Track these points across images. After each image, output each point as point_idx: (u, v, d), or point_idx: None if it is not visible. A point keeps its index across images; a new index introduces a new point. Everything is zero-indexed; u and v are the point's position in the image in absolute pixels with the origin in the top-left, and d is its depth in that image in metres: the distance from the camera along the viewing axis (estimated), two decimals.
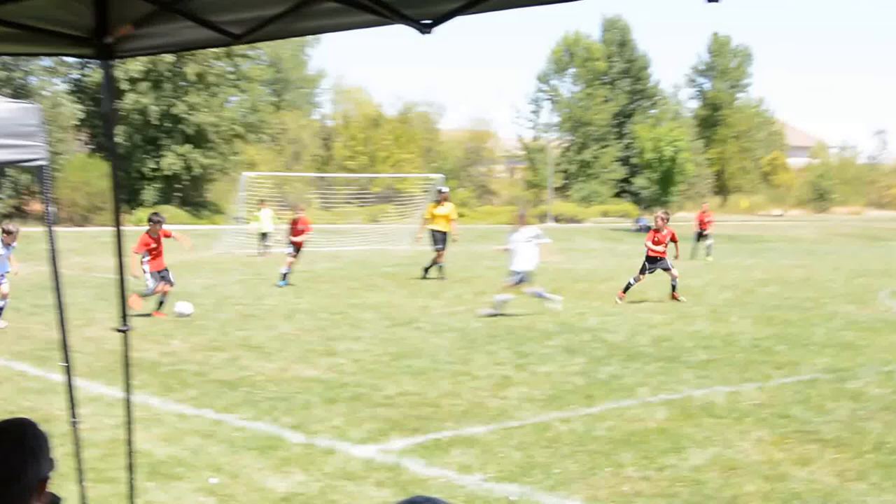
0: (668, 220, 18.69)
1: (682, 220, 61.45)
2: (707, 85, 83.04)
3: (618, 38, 75.71)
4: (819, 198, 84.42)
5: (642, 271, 18.25)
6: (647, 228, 53.45)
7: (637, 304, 17.35)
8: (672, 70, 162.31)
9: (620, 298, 17.69)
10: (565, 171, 71.55)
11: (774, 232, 54.81)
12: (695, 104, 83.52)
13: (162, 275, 15.54)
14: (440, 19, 3.42)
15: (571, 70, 73.84)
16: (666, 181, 52.95)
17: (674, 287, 18.03)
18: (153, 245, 15.44)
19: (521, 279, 15.75)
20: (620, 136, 72.20)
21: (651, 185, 54.60)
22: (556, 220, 59.61)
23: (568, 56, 73.56)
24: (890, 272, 24.82)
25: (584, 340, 12.79)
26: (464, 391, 9.46)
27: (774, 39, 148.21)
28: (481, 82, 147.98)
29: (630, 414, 8.44)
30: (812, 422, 8.12)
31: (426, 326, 14.30)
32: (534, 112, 74.97)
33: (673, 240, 18.59)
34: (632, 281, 18.12)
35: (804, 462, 6.90)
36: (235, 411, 8.62)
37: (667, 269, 18.15)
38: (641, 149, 54.40)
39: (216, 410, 8.65)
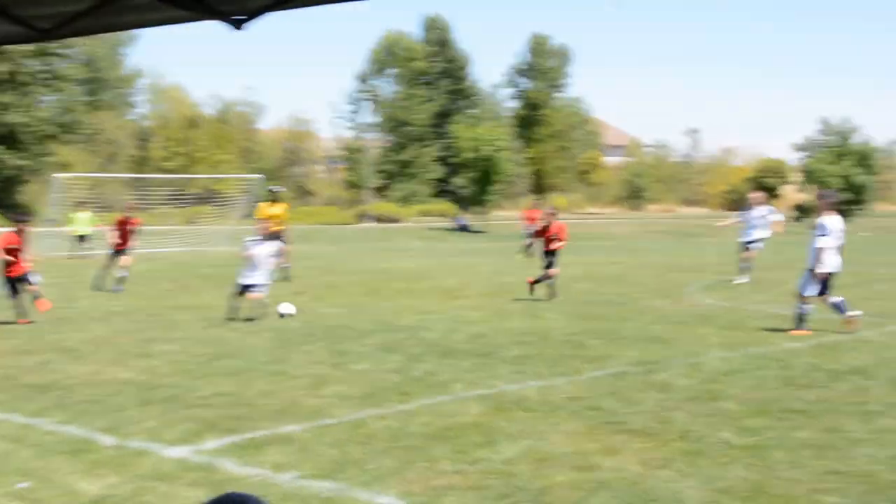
0: (555, 215, 18.86)
1: (502, 219, 62.84)
2: (526, 85, 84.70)
3: (438, 38, 76.37)
4: (634, 196, 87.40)
5: (549, 266, 18.27)
6: (465, 228, 54.46)
7: (455, 301, 17.56)
8: (492, 70, 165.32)
9: (531, 282, 17.92)
10: (385, 171, 71.80)
11: (590, 230, 56.43)
12: (514, 104, 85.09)
13: (21, 279, 14.74)
14: (253, 15, 3.37)
15: (391, 70, 74.15)
16: (485, 180, 53.83)
17: (541, 279, 18.06)
18: (15, 246, 14.62)
19: (258, 288, 15.22)
20: (440, 135, 72.90)
21: (470, 184, 55.40)
22: (378, 220, 59.78)
23: (388, 55, 73.82)
24: (699, 267, 25.94)
25: (400, 338, 12.83)
26: (280, 390, 9.36)
27: (592, 39, 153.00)
28: (301, 81, 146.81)
29: (445, 409, 8.51)
30: (621, 413, 8.37)
31: (243, 327, 14.10)
32: (353, 112, 74.93)
33: (559, 238, 18.50)
34: (550, 277, 18.15)
35: (612, 452, 7.10)
36: (46, 415, 8.32)
37: (549, 268, 18.22)
38: (461, 148, 55.10)
39: (25, 415, 8.34)
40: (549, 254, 18.26)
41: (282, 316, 15.13)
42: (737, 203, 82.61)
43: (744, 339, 12.84)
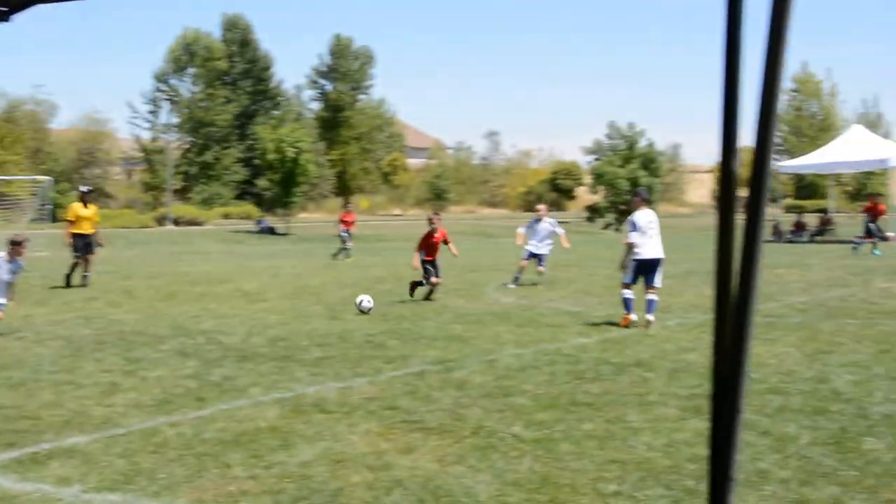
0: (440, 219, 18.93)
1: (306, 221, 62.52)
2: (329, 87, 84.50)
3: (239, 38, 75.29)
4: (437, 197, 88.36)
5: (426, 274, 18.40)
6: (269, 230, 53.89)
7: (255, 304, 17.36)
8: (295, 71, 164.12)
9: (412, 295, 18.16)
10: (186, 173, 70.20)
11: (394, 231, 56.89)
12: (317, 105, 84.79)
13: None
14: (18, 7, 3.24)
15: (191, 69, 72.57)
16: (288, 182, 53.38)
17: (419, 284, 18.30)
18: None
19: None
20: (243, 137, 71.89)
21: (273, 186, 54.85)
22: (176, 222, 58.37)
23: (187, 55, 72.18)
24: (498, 267, 26.47)
25: (198, 343, 12.59)
26: (67, 401, 8.99)
27: (394, 41, 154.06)
28: (97, 80, 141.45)
29: (241, 414, 8.40)
30: (418, 411, 8.47)
31: (30, 336, 13.45)
32: (152, 112, 72.90)
33: (445, 241, 18.73)
34: (423, 281, 18.26)
35: (408, 450, 7.18)
36: None
37: (430, 275, 18.34)
38: (264, 150, 54.47)
39: None
40: (431, 262, 18.38)
41: (363, 310, 15.64)
42: (534, 205, 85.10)
43: (537, 335, 13.23)
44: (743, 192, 1.52)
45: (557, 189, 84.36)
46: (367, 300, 16.11)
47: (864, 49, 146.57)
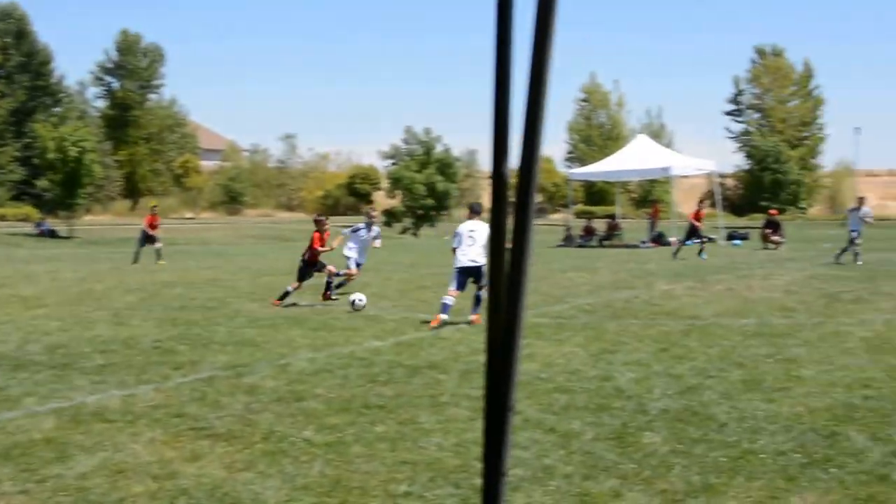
0: (327, 223, 18.52)
1: (92, 223, 60.12)
2: (116, 84, 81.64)
3: (14, 29, 71.69)
4: (231, 200, 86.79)
5: (301, 278, 17.94)
6: (50, 233, 51.51)
7: (32, 310, 16.52)
8: (78, 66, 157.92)
9: (276, 304, 17.36)
10: None
11: (186, 234, 55.39)
12: (103, 103, 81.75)
13: None
14: None
15: None
16: (71, 183, 51.13)
17: (328, 285, 18.05)
18: None
19: None
20: (20, 134, 68.46)
21: (55, 187, 52.41)
22: None
23: None
24: (293, 272, 26.16)
25: None
26: None
27: (186, 40, 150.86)
28: None
29: (13, 426, 7.93)
30: (206, 418, 8.25)
31: None
32: None
33: (332, 247, 18.61)
34: (289, 289, 17.72)
35: (195, 458, 6.98)
36: None
37: (321, 270, 18.12)
38: (43, 149, 51.95)
39: None
40: (314, 264, 18.12)
41: (357, 308, 15.99)
42: (332, 208, 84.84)
43: (331, 339, 13.14)
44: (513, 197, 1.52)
45: (355, 193, 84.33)
46: (359, 299, 16.35)
47: (648, 62, 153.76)
